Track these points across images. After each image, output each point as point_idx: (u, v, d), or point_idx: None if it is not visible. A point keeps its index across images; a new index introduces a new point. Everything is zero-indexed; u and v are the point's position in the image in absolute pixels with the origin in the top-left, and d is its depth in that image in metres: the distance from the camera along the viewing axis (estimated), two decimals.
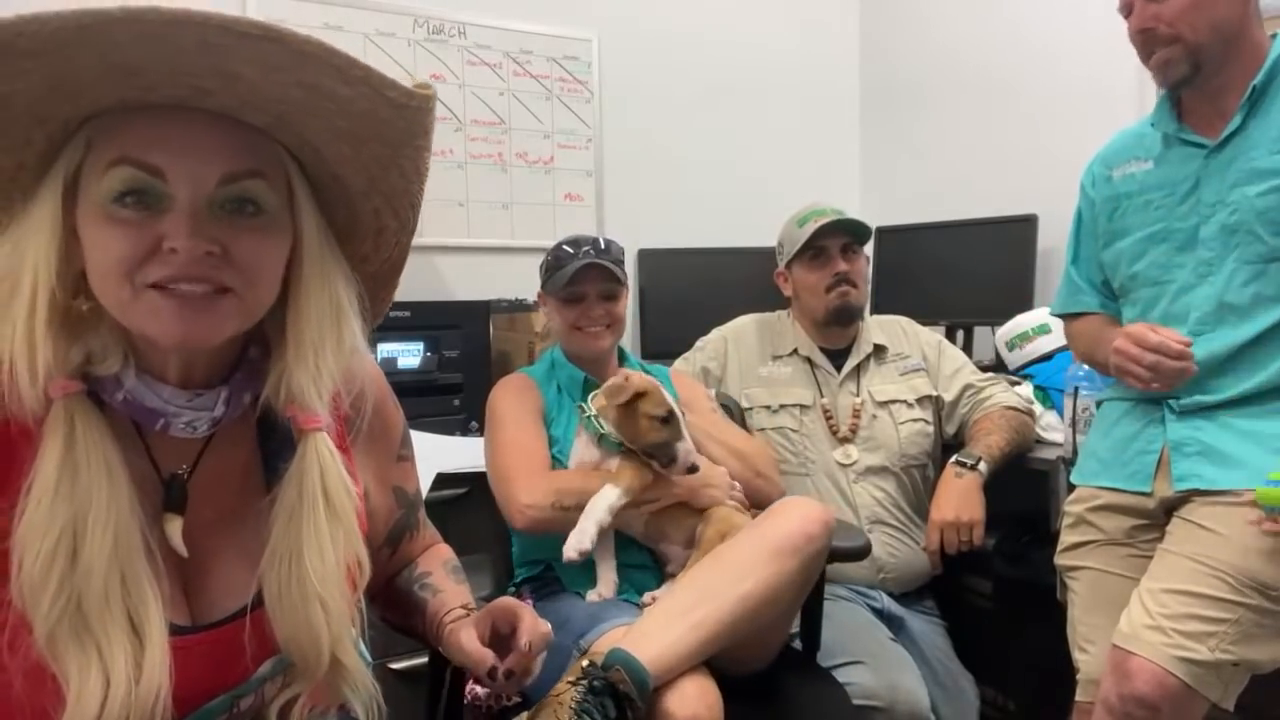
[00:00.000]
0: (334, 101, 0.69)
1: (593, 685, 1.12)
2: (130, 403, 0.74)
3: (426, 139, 0.77)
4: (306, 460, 0.79)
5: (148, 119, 0.69)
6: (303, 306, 0.77)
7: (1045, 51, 2.59)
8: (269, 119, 0.71)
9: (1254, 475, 1.35)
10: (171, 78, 0.65)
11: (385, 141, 0.74)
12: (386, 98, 0.70)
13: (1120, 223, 1.57)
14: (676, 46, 2.95)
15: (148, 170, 0.68)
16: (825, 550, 1.38)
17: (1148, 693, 1.25)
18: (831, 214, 1.92)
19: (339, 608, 0.79)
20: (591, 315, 1.66)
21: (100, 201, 0.69)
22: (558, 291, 1.66)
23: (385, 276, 0.89)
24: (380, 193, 0.79)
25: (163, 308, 0.69)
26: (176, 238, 0.68)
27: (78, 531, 0.68)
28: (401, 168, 0.77)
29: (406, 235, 0.86)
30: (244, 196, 0.71)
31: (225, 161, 0.70)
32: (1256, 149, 1.40)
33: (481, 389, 1.80)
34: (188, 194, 0.69)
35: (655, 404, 1.47)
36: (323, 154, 0.75)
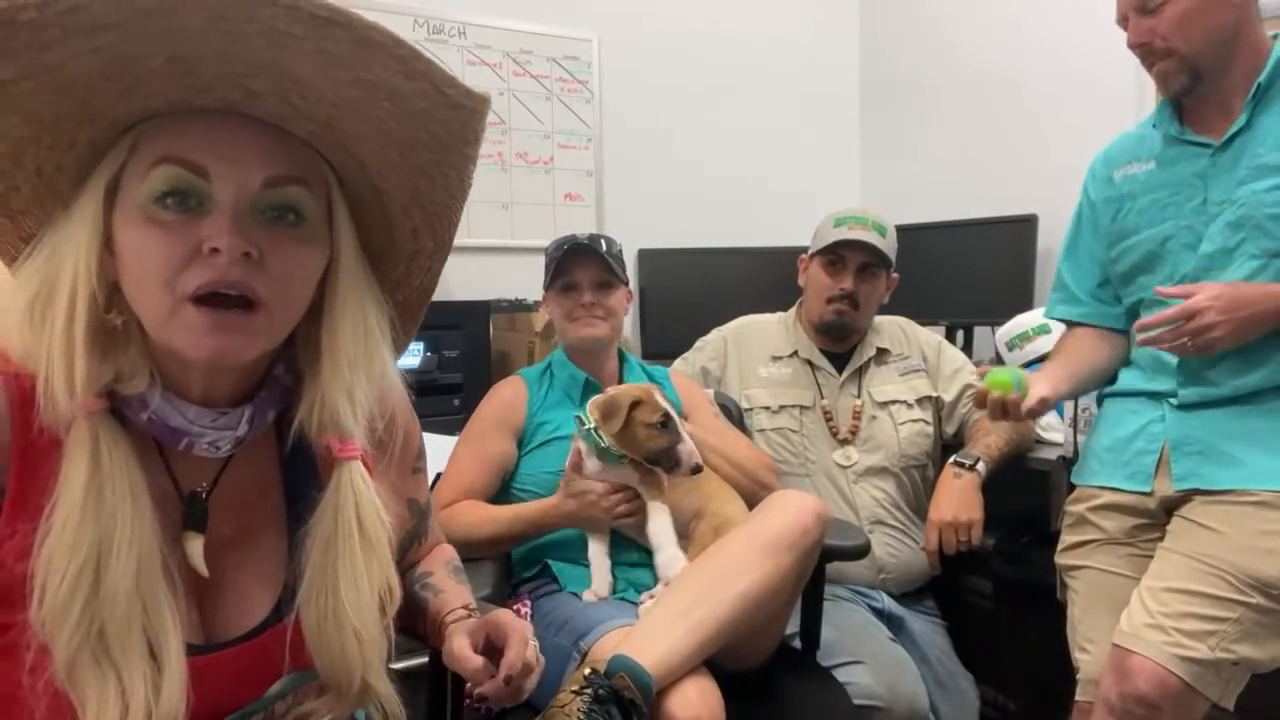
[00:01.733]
0: (391, 99, 0.68)
1: (598, 694, 1.11)
2: (155, 422, 0.72)
3: (475, 147, 0.75)
4: (342, 491, 0.78)
5: (194, 121, 0.68)
6: (338, 326, 0.76)
7: (1045, 52, 2.59)
8: (315, 126, 0.71)
9: (1254, 475, 1.36)
10: (224, 77, 0.65)
11: (436, 145, 0.73)
12: (445, 95, 0.69)
13: (1124, 222, 1.57)
14: (676, 46, 2.95)
15: (191, 169, 0.67)
16: (820, 543, 1.38)
17: (1148, 692, 1.25)
18: (871, 227, 1.89)
19: (372, 636, 0.79)
20: (584, 303, 1.66)
21: (141, 203, 0.67)
22: (552, 283, 1.68)
23: (413, 307, 0.88)
24: (421, 208, 0.78)
25: (196, 323, 0.68)
26: (218, 237, 0.66)
27: (102, 556, 0.67)
28: (447, 179, 0.76)
29: (440, 259, 0.85)
30: (285, 203, 0.71)
31: (269, 165, 0.70)
32: (1263, 145, 1.40)
33: (481, 389, 1.81)
34: (230, 195, 0.68)
35: (650, 411, 1.46)
36: (367, 165, 0.74)
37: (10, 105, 0.64)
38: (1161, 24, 1.41)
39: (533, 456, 1.64)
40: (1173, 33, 1.40)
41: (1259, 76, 1.41)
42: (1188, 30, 1.40)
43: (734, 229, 2.86)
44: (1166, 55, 1.43)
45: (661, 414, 1.46)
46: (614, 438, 1.47)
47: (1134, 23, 1.44)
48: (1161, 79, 1.46)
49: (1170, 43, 1.41)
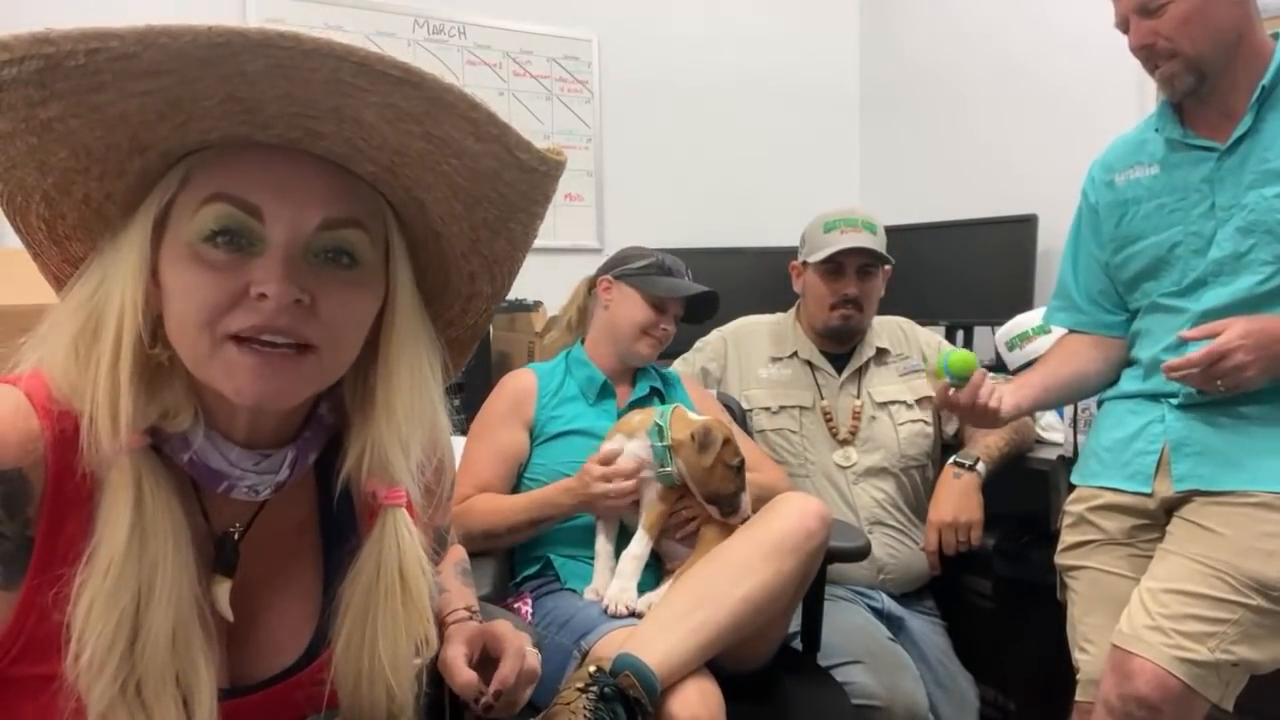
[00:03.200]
0: (460, 158, 0.66)
1: (603, 692, 1.12)
2: (196, 463, 0.69)
3: (544, 205, 0.73)
4: (385, 540, 0.76)
5: (250, 157, 0.65)
6: (394, 371, 0.73)
7: (1046, 51, 2.59)
8: (378, 169, 0.68)
9: (1254, 476, 1.36)
10: (289, 118, 0.62)
11: (503, 203, 0.71)
12: (517, 159, 0.67)
13: (1130, 228, 1.56)
14: (676, 46, 2.95)
15: (245, 209, 0.64)
16: (824, 546, 1.38)
17: (1148, 693, 1.25)
18: (862, 227, 1.89)
19: (406, 689, 0.77)
20: (665, 327, 1.72)
21: (190, 240, 0.64)
22: (644, 285, 1.70)
23: (464, 343, 0.85)
24: (482, 256, 0.76)
25: (240, 364, 0.64)
26: (267, 282, 0.63)
27: (141, 605, 0.65)
28: (511, 233, 0.74)
29: (496, 302, 0.82)
30: (341, 247, 0.67)
31: (326, 207, 0.66)
32: (1270, 149, 1.39)
33: (481, 389, 1.81)
34: (284, 238, 0.64)
35: (733, 453, 1.44)
36: (429, 210, 0.71)
37: (57, 140, 0.62)
38: (1164, 25, 1.40)
39: (544, 449, 1.64)
40: (1176, 33, 1.39)
41: (1262, 78, 1.40)
42: (1191, 30, 1.39)
43: (734, 229, 2.86)
44: (1170, 57, 1.41)
45: (740, 459, 1.45)
46: (686, 465, 1.45)
47: (1135, 25, 1.43)
48: (1166, 81, 1.44)
49: (1174, 44, 1.40)
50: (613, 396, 1.73)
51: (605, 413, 1.70)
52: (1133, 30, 1.44)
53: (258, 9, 2.32)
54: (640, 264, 1.73)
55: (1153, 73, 1.47)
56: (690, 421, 1.49)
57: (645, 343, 1.70)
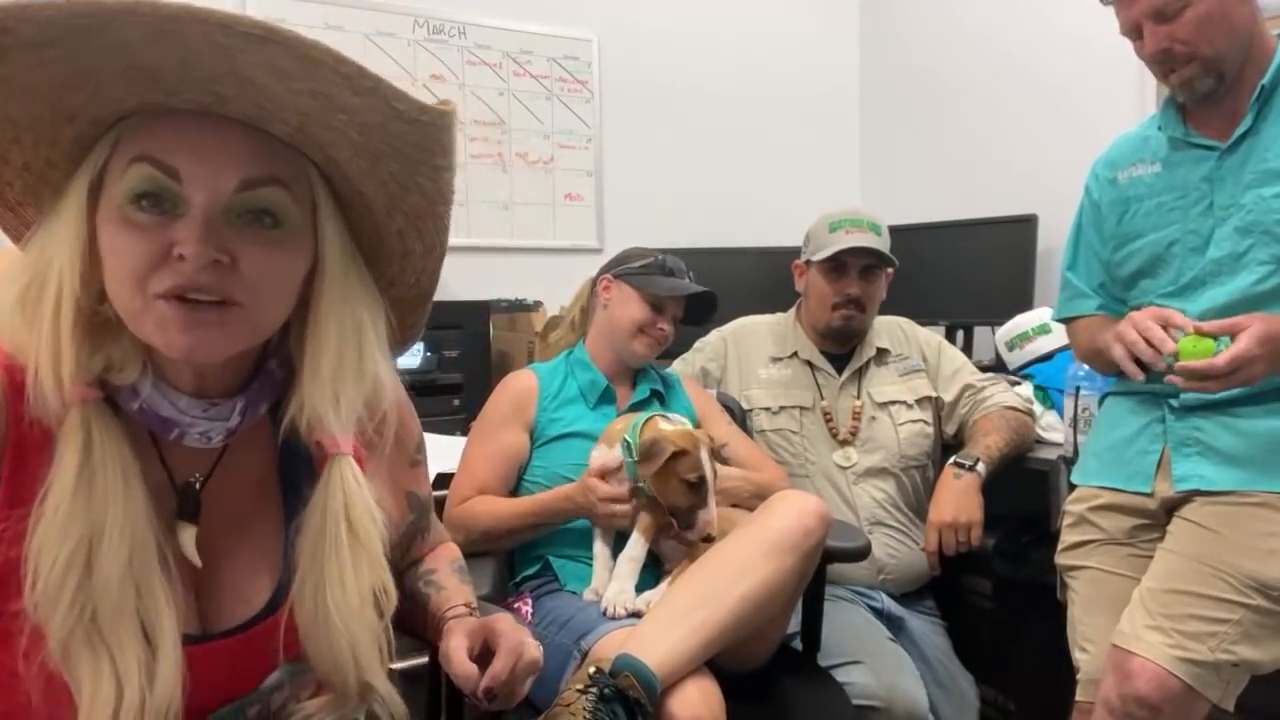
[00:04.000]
0: (346, 112, 0.67)
1: (603, 693, 1.12)
2: (146, 411, 0.72)
3: (445, 158, 0.74)
4: (331, 486, 0.78)
5: (172, 122, 0.68)
6: (320, 329, 0.75)
7: (1046, 52, 2.59)
8: (290, 128, 0.69)
9: (1255, 476, 1.36)
10: (190, 83, 0.64)
11: (401, 158, 0.72)
12: (396, 110, 0.68)
13: (1130, 225, 1.55)
14: (676, 46, 2.95)
15: (164, 171, 0.67)
16: (822, 543, 1.38)
17: (1148, 693, 1.25)
18: (866, 228, 1.89)
19: (363, 639, 0.78)
20: (662, 326, 1.70)
21: (119, 202, 0.67)
22: (640, 284, 1.70)
23: (413, 301, 0.86)
24: (402, 213, 0.77)
25: (169, 319, 0.67)
26: (186, 243, 0.66)
27: (94, 541, 0.67)
28: (421, 188, 0.75)
29: (434, 260, 0.83)
30: (261, 206, 0.69)
31: (244, 167, 0.68)
32: (1269, 150, 1.39)
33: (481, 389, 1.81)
34: (203, 199, 0.67)
35: (689, 467, 1.43)
36: (344, 169, 0.73)
37: None
38: (1181, 29, 1.37)
39: (544, 451, 1.64)
40: (1195, 36, 1.37)
41: (1263, 78, 1.40)
42: (1210, 33, 1.37)
43: (734, 229, 2.86)
44: (1189, 61, 1.39)
45: (697, 474, 1.43)
46: (647, 476, 1.46)
47: (1151, 31, 1.40)
48: (1185, 85, 1.42)
49: (1193, 47, 1.37)
50: (613, 400, 1.73)
51: (605, 415, 1.70)
52: (1148, 36, 1.41)
53: (257, 7, 2.32)
54: (640, 263, 1.73)
55: (1166, 77, 1.44)
56: (651, 430, 1.49)
57: (641, 341, 1.70)
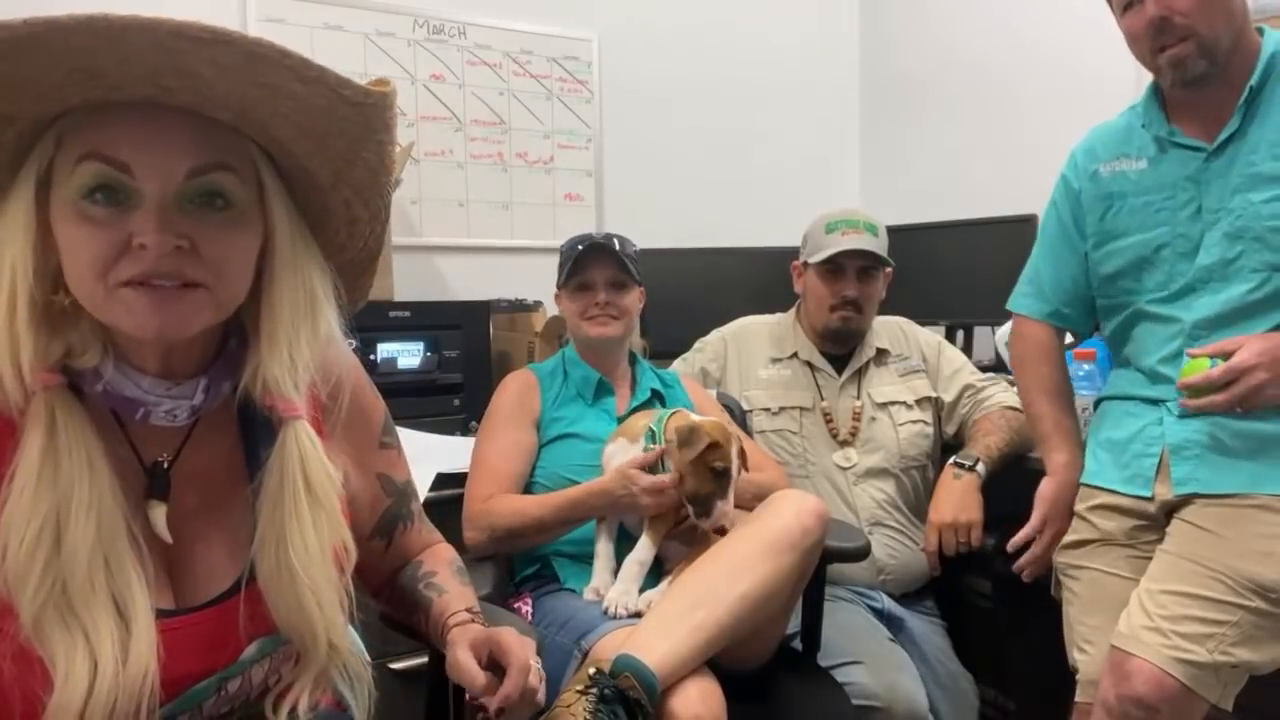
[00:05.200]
0: (292, 99, 0.70)
1: (603, 693, 1.12)
2: (110, 393, 0.75)
3: (388, 134, 0.77)
4: (287, 448, 0.80)
5: (115, 116, 0.70)
6: (275, 299, 0.78)
7: (1045, 51, 2.59)
8: (232, 114, 0.72)
9: (1253, 479, 1.35)
10: (132, 79, 0.66)
11: (345, 137, 0.75)
12: (342, 96, 0.71)
13: (1114, 223, 1.54)
14: (676, 46, 2.95)
15: (115, 166, 0.69)
16: (821, 542, 1.38)
17: (1146, 694, 1.25)
18: (863, 229, 1.88)
19: (326, 593, 0.80)
20: (598, 302, 1.67)
21: (71, 199, 0.69)
22: (566, 281, 1.69)
23: (363, 263, 0.90)
24: (348, 184, 0.80)
25: (136, 303, 0.70)
26: (146, 233, 0.68)
27: (61, 517, 0.69)
28: (366, 161, 0.78)
29: (380, 225, 0.86)
30: (212, 190, 0.72)
31: (191, 156, 0.71)
32: (1256, 153, 1.38)
33: (481, 389, 1.81)
34: (155, 189, 0.69)
35: (719, 458, 1.44)
36: (288, 148, 0.76)
37: None
38: (1182, 1, 1.35)
39: (546, 451, 1.64)
40: (1195, 10, 1.34)
41: (1250, 78, 1.38)
42: (1209, 11, 1.35)
43: (734, 229, 2.86)
44: (1184, 38, 1.36)
45: (724, 465, 1.44)
46: (673, 461, 1.46)
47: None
48: (1177, 64, 1.38)
49: (1191, 21, 1.35)
50: (611, 395, 1.73)
51: (605, 413, 1.70)
52: (1150, 2, 1.37)
53: (256, 7, 2.32)
54: (562, 266, 1.73)
55: (1156, 55, 1.40)
56: (687, 420, 1.49)
57: (588, 326, 1.69)
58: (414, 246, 2.53)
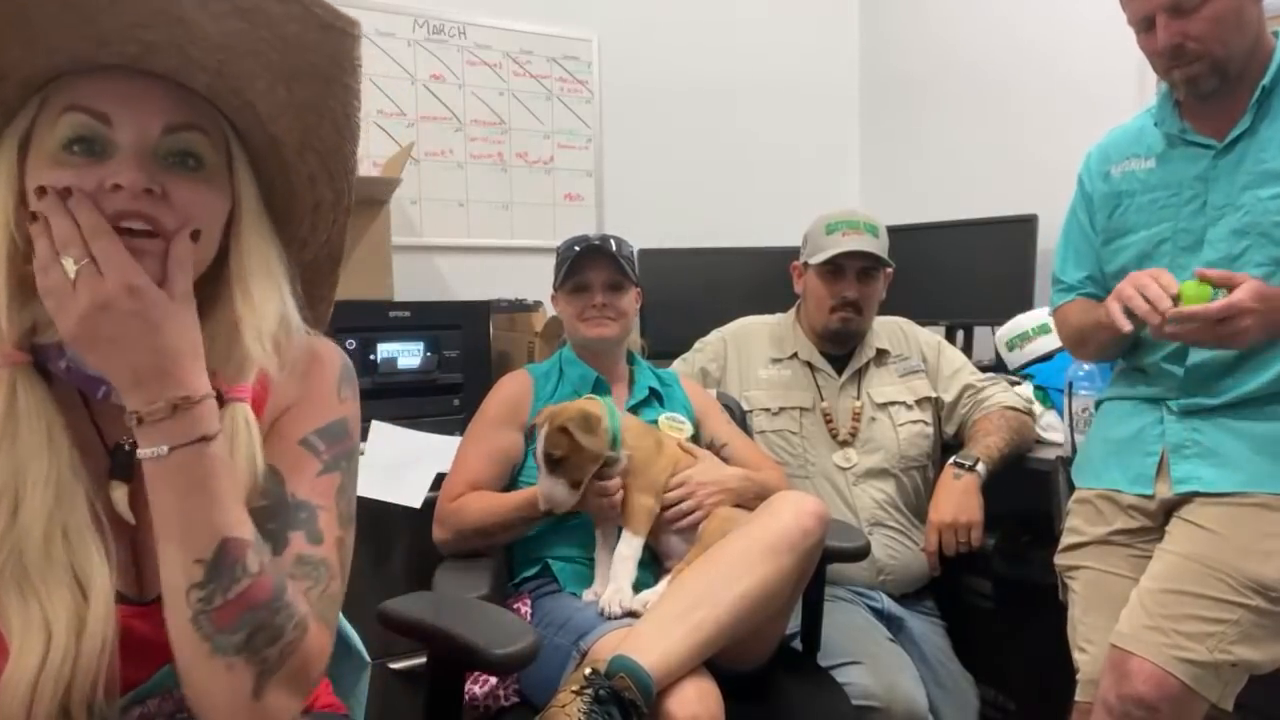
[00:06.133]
0: (269, 28, 0.72)
1: (598, 694, 1.12)
2: (72, 370, 0.75)
3: (354, 77, 0.78)
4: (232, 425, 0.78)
5: (98, 75, 0.73)
6: (246, 264, 0.78)
7: (1045, 51, 2.59)
8: (209, 76, 0.74)
9: (1253, 478, 1.36)
10: (122, 30, 0.69)
11: (316, 74, 0.76)
12: (315, 15, 0.73)
13: (1121, 220, 1.55)
14: (676, 46, 2.94)
15: (95, 116, 0.71)
16: (821, 544, 1.39)
17: (1147, 693, 1.25)
18: (863, 229, 1.89)
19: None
20: (595, 304, 1.68)
21: (51, 151, 0.71)
22: (564, 283, 1.68)
23: (324, 267, 0.89)
24: (314, 150, 0.81)
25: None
26: (121, 174, 0.70)
27: (18, 488, 0.70)
28: (334, 114, 0.79)
29: (343, 213, 0.86)
30: (185, 149, 0.75)
31: (168, 113, 0.74)
32: (1266, 150, 1.39)
33: (481, 389, 1.81)
34: (132, 139, 0.72)
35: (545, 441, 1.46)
36: (259, 111, 0.77)
37: None
38: (1196, 25, 1.35)
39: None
40: (1208, 34, 1.36)
41: (1263, 78, 1.39)
42: (1224, 32, 1.36)
43: (734, 229, 2.86)
44: (1198, 59, 1.37)
45: (547, 450, 1.45)
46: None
47: (1165, 24, 1.38)
48: (1190, 82, 1.40)
49: (1205, 44, 1.36)
50: (608, 394, 1.73)
51: None
52: (1161, 29, 1.38)
53: None
54: (559, 267, 1.73)
55: (1169, 73, 1.43)
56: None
57: (585, 327, 1.70)
58: (414, 246, 2.53)
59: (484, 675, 1.40)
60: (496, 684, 1.40)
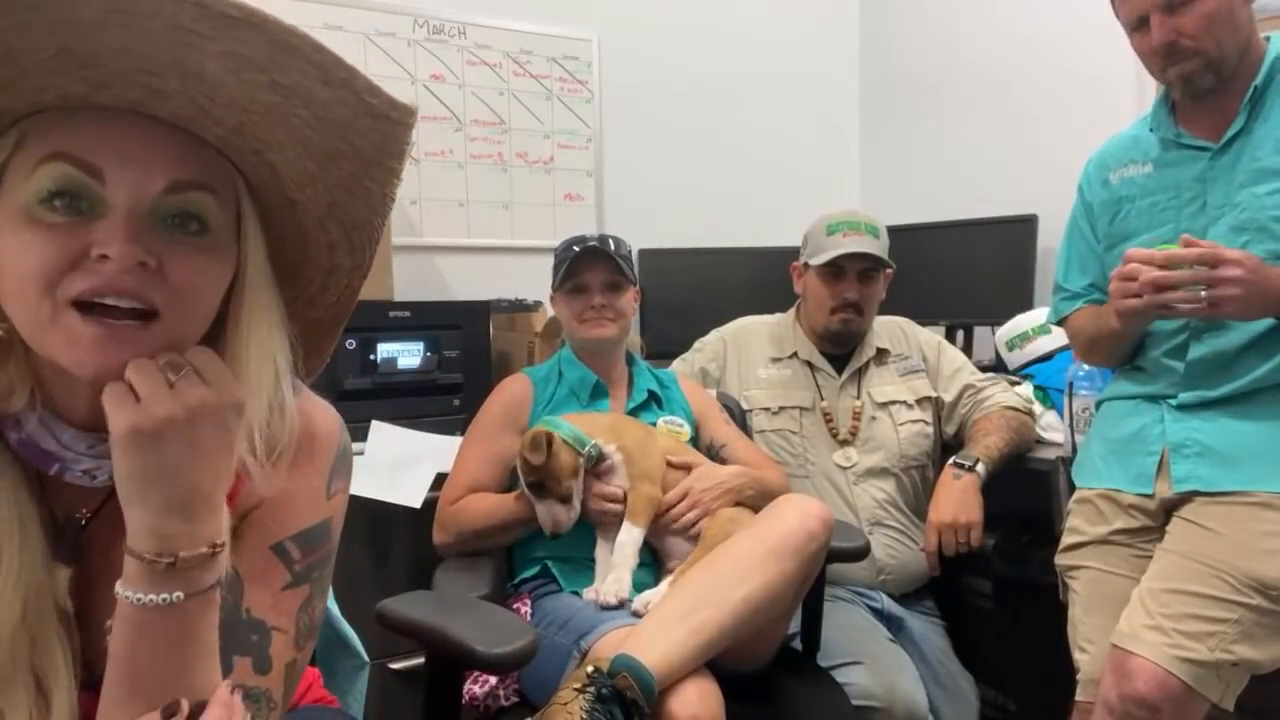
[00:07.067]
0: (309, 107, 0.63)
1: (600, 693, 1.12)
2: (26, 443, 0.66)
3: (400, 160, 0.69)
4: None
5: (92, 117, 0.62)
6: (244, 345, 0.68)
7: (1045, 51, 2.59)
8: (226, 131, 0.64)
9: (1254, 476, 1.36)
10: (128, 75, 0.59)
11: (357, 157, 0.67)
12: (367, 104, 0.64)
13: (1122, 225, 1.56)
14: (676, 46, 2.94)
15: (85, 169, 0.61)
16: (825, 548, 1.38)
17: (1148, 693, 1.25)
18: (864, 230, 1.88)
19: None
20: (594, 305, 1.67)
21: (26, 202, 0.61)
22: (562, 284, 1.68)
23: (327, 325, 0.80)
24: (339, 222, 0.72)
25: (82, 334, 0.61)
26: (110, 244, 0.60)
27: None
28: (368, 192, 0.70)
29: (359, 278, 0.77)
30: (189, 210, 0.64)
31: (173, 169, 0.63)
32: (1261, 149, 1.40)
33: (481, 389, 1.81)
34: (127, 200, 0.61)
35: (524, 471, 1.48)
36: (281, 174, 0.68)
37: None
38: (1189, 23, 1.37)
39: None
40: (1201, 32, 1.37)
41: (1255, 79, 1.40)
42: (1216, 30, 1.37)
43: (734, 229, 2.86)
44: (1191, 56, 1.39)
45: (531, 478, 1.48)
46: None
47: (1159, 22, 1.40)
48: (1185, 80, 1.42)
49: (1198, 42, 1.38)
50: (606, 396, 1.73)
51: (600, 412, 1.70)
52: (1155, 27, 1.40)
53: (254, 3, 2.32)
54: (557, 266, 1.73)
55: (1164, 72, 1.44)
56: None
57: (585, 328, 1.69)
58: (414, 246, 2.53)
59: (483, 675, 1.40)
60: (496, 684, 1.40)
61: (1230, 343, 1.41)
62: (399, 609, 1.18)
